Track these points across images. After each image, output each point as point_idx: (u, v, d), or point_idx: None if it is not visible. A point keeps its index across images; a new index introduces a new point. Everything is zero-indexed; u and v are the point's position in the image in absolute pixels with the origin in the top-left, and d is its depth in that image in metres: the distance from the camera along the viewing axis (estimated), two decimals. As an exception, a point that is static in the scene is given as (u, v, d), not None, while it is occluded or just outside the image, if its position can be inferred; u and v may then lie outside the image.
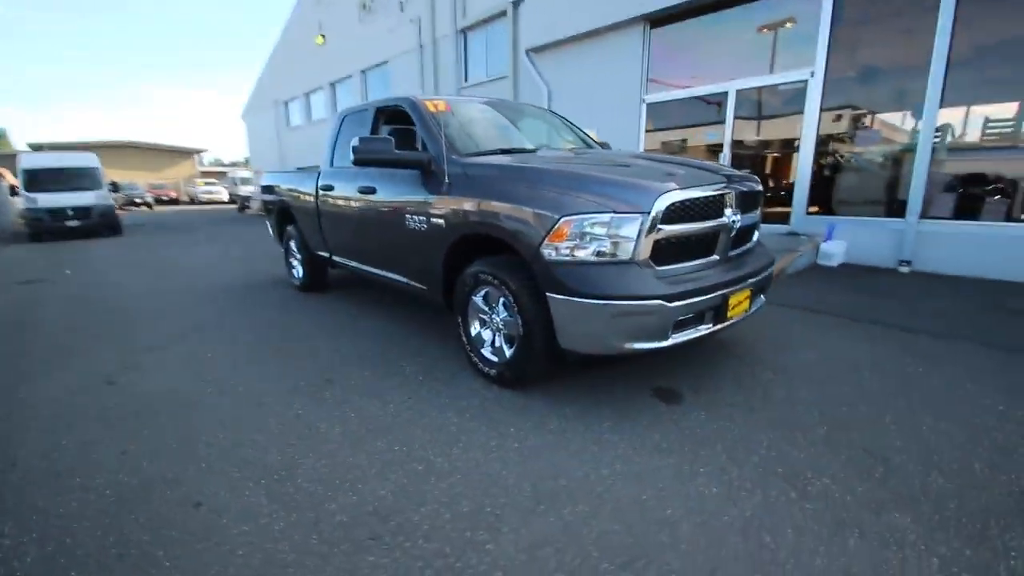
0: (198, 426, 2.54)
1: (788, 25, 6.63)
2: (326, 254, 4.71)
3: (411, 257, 3.38)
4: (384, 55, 13.47)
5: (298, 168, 5.35)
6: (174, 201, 32.58)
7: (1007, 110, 5.34)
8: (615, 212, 2.29)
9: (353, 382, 2.98)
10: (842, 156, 6.59)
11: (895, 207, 5.94)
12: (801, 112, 6.51)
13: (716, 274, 2.57)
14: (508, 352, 2.78)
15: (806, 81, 6.44)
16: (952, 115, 5.58)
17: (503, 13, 10.00)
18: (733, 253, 2.80)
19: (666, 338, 2.38)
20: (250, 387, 2.99)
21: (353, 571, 1.58)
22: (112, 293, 5.60)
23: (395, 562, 1.61)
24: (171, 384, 3.06)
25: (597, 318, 2.30)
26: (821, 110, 6.39)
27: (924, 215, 5.61)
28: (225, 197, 29.05)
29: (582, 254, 2.34)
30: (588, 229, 2.32)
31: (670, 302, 2.29)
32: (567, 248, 2.35)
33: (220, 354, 3.57)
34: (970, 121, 5.60)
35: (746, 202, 2.83)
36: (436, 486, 1.99)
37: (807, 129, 6.50)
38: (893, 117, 6.21)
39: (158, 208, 27.16)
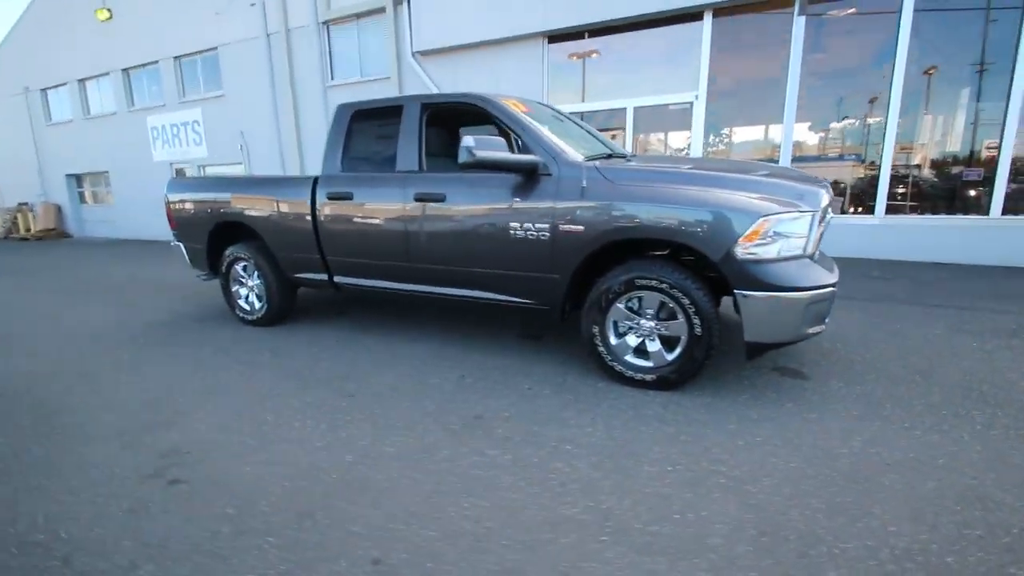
0: (406, 502, 1.97)
1: (676, 51, 7.78)
2: (318, 276, 3.92)
3: (516, 270, 3.09)
4: (211, 41, 11.32)
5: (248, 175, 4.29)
6: None
7: (839, 126, 7.23)
8: (799, 211, 2.54)
9: (506, 422, 2.62)
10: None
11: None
12: (690, 128, 7.72)
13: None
14: (669, 356, 2.80)
15: (691, 103, 7.66)
16: (800, 129, 7.30)
17: (381, 10, 9.40)
18: None
19: (825, 321, 2.72)
20: (435, 454, 2.40)
21: None
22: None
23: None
24: (319, 462, 2.26)
25: (794, 309, 2.53)
26: (705, 127, 7.68)
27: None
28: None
29: (770, 252, 2.53)
30: (778, 228, 2.51)
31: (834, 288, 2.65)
32: (758, 247, 2.51)
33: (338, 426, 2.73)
34: (810, 135, 7.42)
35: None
36: (813, 476, 1.95)
37: (695, 142, 7.73)
38: (760, 131, 7.81)
39: None
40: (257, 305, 4.34)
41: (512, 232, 3.02)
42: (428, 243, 3.34)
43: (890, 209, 6.81)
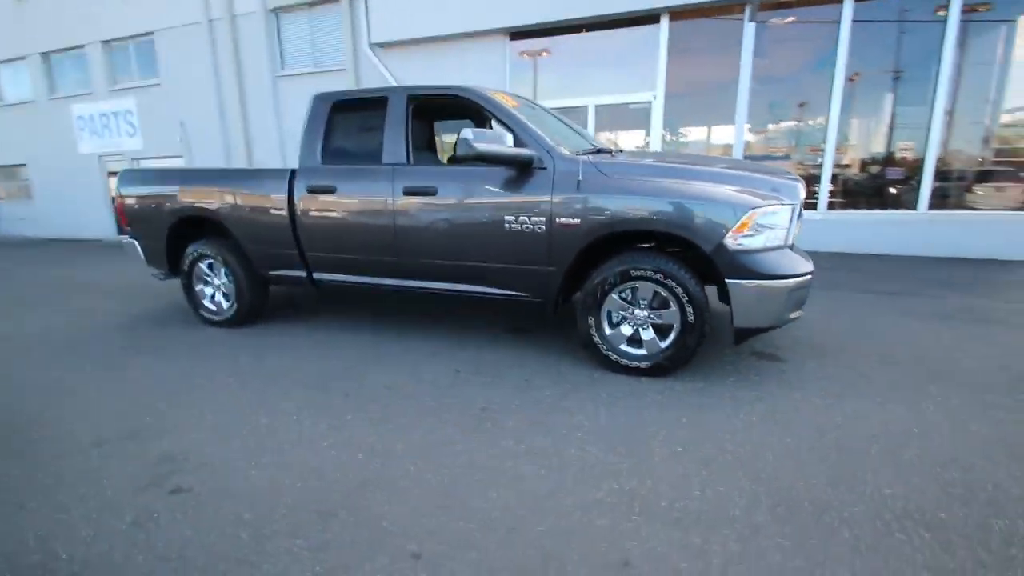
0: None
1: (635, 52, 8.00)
2: (295, 273, 3.78)
3: (510, 263, 3.11)
4: (146, 25, 10.53)
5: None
6: None
7: (783, 128, 7.70)
8: (781, 204, 2.71)
9: (513, 413, 2.64)
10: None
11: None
12: (648, 127, 7.98)
13: None
14: (663, 343, 2.91)
15: (650, 102, 7.92)
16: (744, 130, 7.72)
17: None
18: None
19: (802, 307, 2.92)
20: (452, 457, 2.36)
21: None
22: None
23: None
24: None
25: (780, 296, 2.70)
26: (664, 127, 7.96)
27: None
28: None
29: (757, 243, 2.69)
30: (763, 220, 2.67)
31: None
32: (746, 238, 2.66)
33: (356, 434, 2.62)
34: (758, 135, 7.86)
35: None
36: (808, 449, 2.08)
37: (653, 141, 8.00)
38: (714, 131, 8.18)
39: None
40: (225, 305, 4.11)
41: (507, 226, 3.04)
42: (417, 237, 3.29)
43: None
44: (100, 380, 3.10)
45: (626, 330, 3.00)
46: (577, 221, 2.89)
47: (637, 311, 2.95)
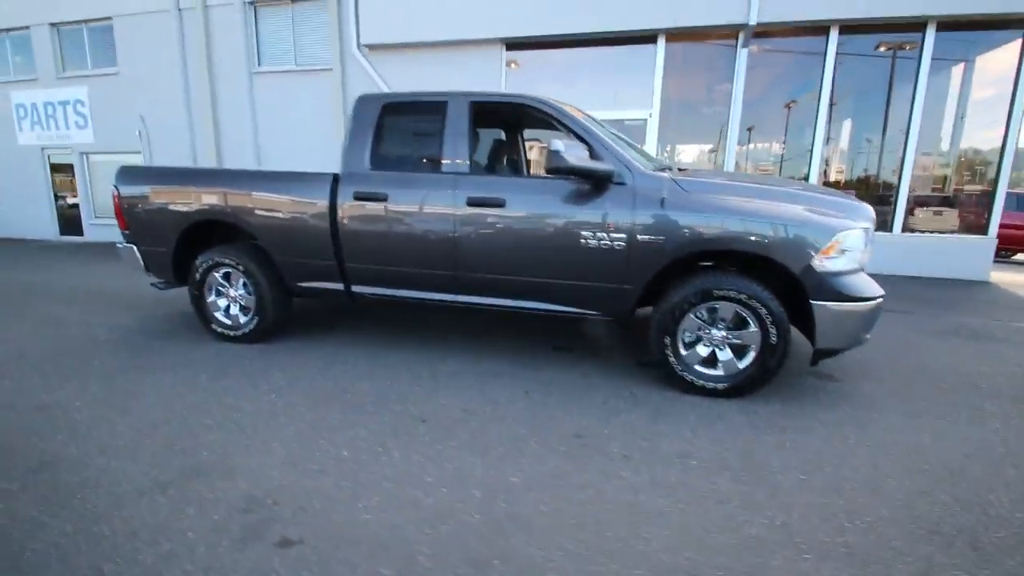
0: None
1: (633, 70, 8.14)
2: (331, 285, 3.50)
3: (584, 280, 3.00)
4: (104, 9, 9.66)
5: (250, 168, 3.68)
6: None
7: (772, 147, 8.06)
8: (861, 227, 2.76)
9: (611, 440, 2.53)
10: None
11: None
12: (643, 143, 8.13)
13: None
14: (741, 364, 2.88)
15: (646, 119, 8.08)
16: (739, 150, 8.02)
17: (322, -3, 8.73)
18: None
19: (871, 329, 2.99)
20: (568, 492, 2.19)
21: None
22: None
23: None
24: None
25: (859, 317, 2.74)
26: (659, 143, 8.13)
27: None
28: None
29: (839, 265, 2.72)
30: (846, 243, 2.71)
31: (879, 298, 2.93)
32: (830, 260, 2.69)
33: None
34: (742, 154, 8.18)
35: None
36: (922, 471, 2.08)
37: (649, 157, 8.15)
38: (706, 148, 8.43)
39: None
40: (243, 319, 3.74)
41: (583, 241, 2.93)
42: (481, 251, 3.12)
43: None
44: (118, 405, 2.70)
45: (702, 350, 2.95)
46: (661, 239, 2.82)
47: (714, 331, 2.91)
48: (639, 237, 2.85)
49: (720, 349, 2.93)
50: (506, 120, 3.63)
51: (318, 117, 9.14)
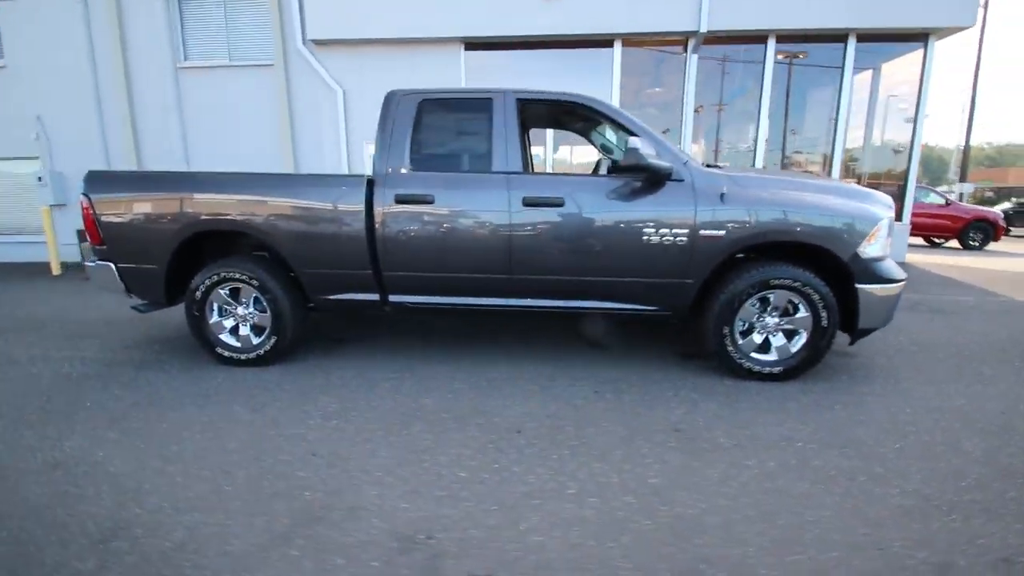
0: None
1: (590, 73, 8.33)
2: (364, 296, 3.25)
3: (647, 277, 3.02)
4: (-21, -11, 8.22)
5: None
6: None
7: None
8: (889, 216, 3.04)
9: (708, 430, 2.57)
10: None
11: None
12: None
13: None
14: (793, 348, 3.06)
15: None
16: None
17: (260, -13, 8.06)
18: None
19: (892, 308, 3.30)
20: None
21: None
22: None
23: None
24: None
25: (893, 298, 3.01)
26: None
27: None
28: None
29: (876, 251, 2.98)
30: (881, 231, 2.97)
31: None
32: (871, 247, 2.94)
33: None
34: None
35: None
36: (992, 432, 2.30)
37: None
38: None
39: None
40: (255, 340, 3.34)
41: (646, 238, 2.95)
42: (539, 252, 3.03)
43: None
44: (155, 451, 2.28)
45: (756, 338, 3.09)
46: (722, 233, 2.92)
47: (768, 318, 3.06)
48: (701, 232, 2.92)
49: (773, 335, 3.08)
50: (543, 118, 3.56)
51: (259, 117, 8.42)
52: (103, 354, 3.70)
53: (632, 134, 3.03)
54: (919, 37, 7.68)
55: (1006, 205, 18.57)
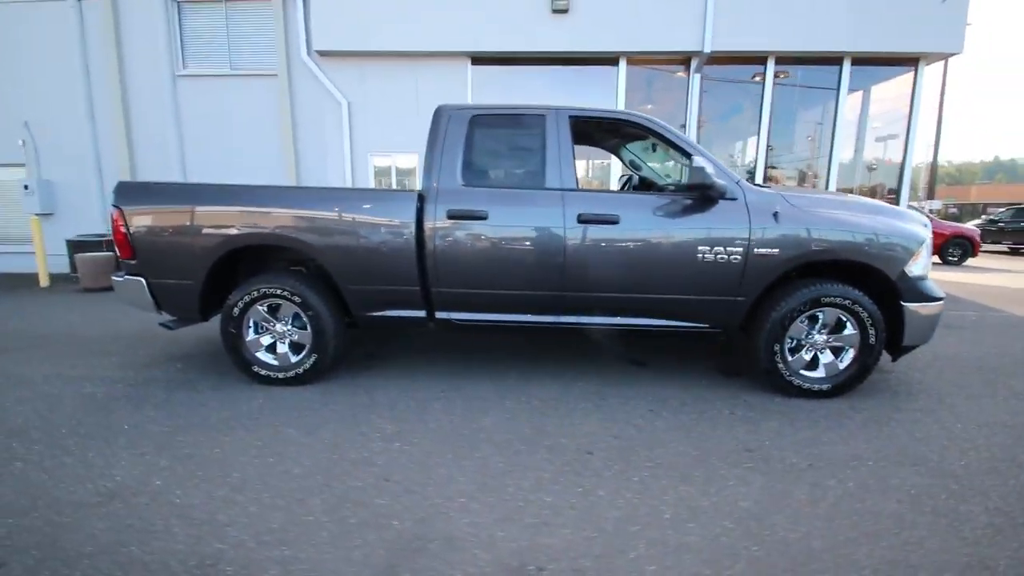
0: None
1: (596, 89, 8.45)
2: (410, 314, 3.18)
3: (700, 294, 3.03)
4: (-35, -9, 7.92)
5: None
6: None
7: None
8: (929, 236, 3.12)
9: (778, 451, 2.58)
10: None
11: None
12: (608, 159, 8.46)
13: None
14: (841, 365, 3.10)
15: (609, 136, 8.42)
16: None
17: (264, -3, 7.98)
18: None
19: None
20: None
21: None
22: None
23: None
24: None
25: (934, 316, 3.08)
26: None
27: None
28: None
29: (919, 270, 3.05)
30: (925, 251, 3.05)
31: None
32: (915, 266, 3.01)
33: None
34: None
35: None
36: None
37: (612, 175, 8.50)
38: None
39: None
40: (293, 358, 3.23)
41: (700, 256, 2.96)
42: (593, 269, 3.01)
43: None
44: (216, 478, 2.16)
45: (806, 355, 3.12)
46: (776, 251, 2.95)
47: (816, 336, 3.09)
48: (755, 250, 2.95)
49: (821, 352, 3.12)
50: (582, 135, 3.57)
51: (260, 127, 8.28)
52: (123, 373, 3.53)
53: (685, 152, 3.06)
54: (910, 61, 8.02)
55: (978, 221, 19.40)
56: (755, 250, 2.95)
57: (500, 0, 7.74)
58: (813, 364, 3.13)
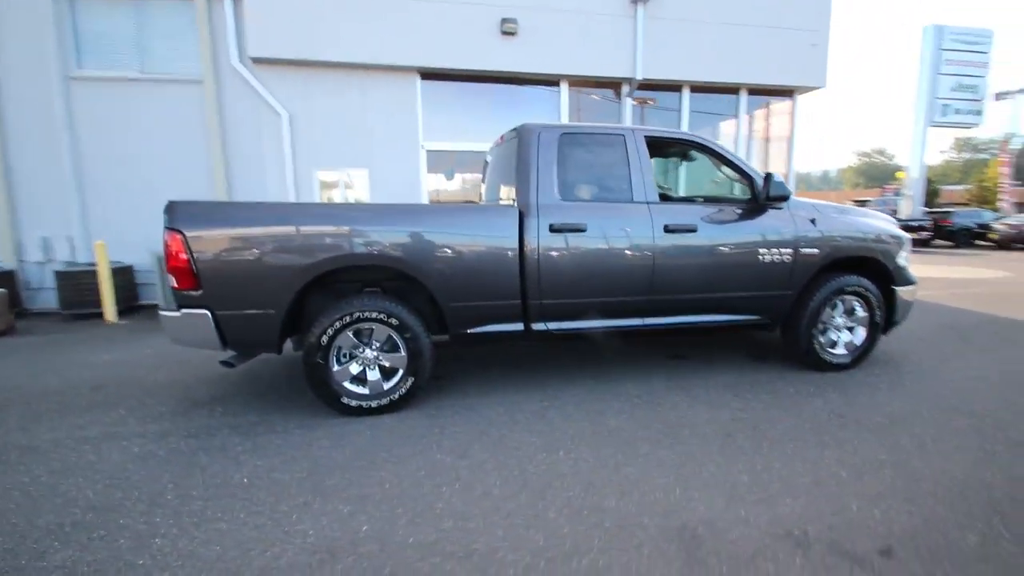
0: None
1: (541, 108, 8.88)
2: (508, 327, 3.22)
3: (761, 291, 3.51)
4: None
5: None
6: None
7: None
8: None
9: (850, 434, 3.11)
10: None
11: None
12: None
13: None
14: (858, 342, 3.80)
15: (555, 152, 8.91)
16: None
17: (184, -6, 7.15)
18: None
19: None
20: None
21: None
22: None
23: None
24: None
25: (913, 297, 3.93)
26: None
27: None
28: None
29: (904, 261, 3.88)
30: (908, 245, 3.89)
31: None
32: (901, 258, 3.83)
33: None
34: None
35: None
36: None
37: (560, 186, 8.99)
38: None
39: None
40: (385, 385, 3.05)
41: (761, 257, 3.44)
42: (677, 274, 3.33)
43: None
44: (409, 510, 2.04)
45: (833, 335, 3.76)
46: (816, 251, 3.54)
47: (837, 319, 3.75)
48: (802, 250, 3.50)
49: (840, 332, 3.78)
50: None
51: (181, 138, 7.34)
52: (173, 424, 2.99)
53: (739, 169, 3.53)
54: (788, 93, 9.75)
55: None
56: (801, 250, 3.51)
57: (453, 20, 7.84)
58: (834, 343, 3.78)
